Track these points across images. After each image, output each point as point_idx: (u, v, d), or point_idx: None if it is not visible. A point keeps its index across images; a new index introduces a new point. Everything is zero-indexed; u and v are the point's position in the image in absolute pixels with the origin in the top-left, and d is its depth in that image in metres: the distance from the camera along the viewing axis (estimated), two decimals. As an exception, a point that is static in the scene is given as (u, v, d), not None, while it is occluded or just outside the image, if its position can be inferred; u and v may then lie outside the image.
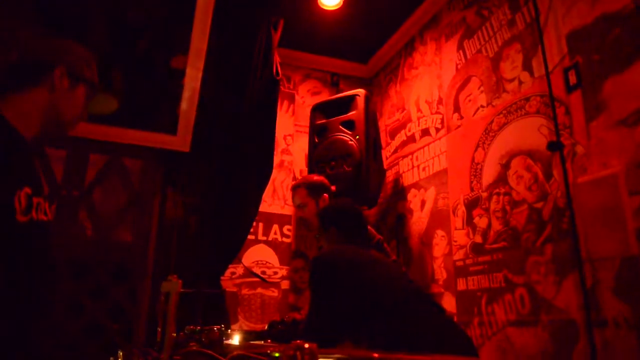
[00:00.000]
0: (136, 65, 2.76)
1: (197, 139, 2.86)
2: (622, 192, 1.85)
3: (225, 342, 1.79)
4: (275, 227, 3.47)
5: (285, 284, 3.38)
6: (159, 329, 1.61)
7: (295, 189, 2.49)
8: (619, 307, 1.80)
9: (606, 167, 1.92)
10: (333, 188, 2.47)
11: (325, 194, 2.41)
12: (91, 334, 2.49)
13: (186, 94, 2.78)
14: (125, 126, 2.71)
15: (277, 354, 1.07)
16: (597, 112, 1.99)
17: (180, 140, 2.82)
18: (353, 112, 3.07)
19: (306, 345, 0.83)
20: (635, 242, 1.77)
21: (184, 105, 2.82)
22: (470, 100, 2.81)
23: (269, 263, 3.38)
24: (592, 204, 1.96)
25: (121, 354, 1.50)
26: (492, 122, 2.60)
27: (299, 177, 3.68)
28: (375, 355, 0.97)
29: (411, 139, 3.40)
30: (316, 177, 2.53)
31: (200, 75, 2.75)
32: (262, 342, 1.73)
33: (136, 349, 1.53)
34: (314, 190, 2.41)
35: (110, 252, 2.74)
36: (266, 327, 1.95)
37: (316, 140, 3.17)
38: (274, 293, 3.32)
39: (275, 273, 3.37)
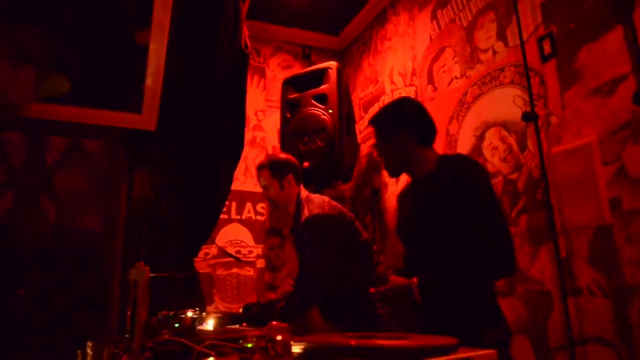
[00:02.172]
0: (95, 40, 2.61)
1: (163, 118, 2.75)
2: (596, 161, 1.84)
3: (199, 327, 1.74)
4: (249, 205, 3.41)
5: (260, 263, 3.34)
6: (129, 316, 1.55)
7: (259, 169, 2.41)
8: (593, 275, 1.81)
9: (580, 136, 1.91)
10: (306, 164, 2.39)
11: (290, 175, 2.31)
12: (60, 326, 2.40)
13: (150, 69, 2.64)
14: (87, 106, 2.57)
15: (249, 344, 1.03)
16: (571, 81, 1.97)
17: (146, 119, 2.69)
18: (325, 86, 2.99)
19: (278, 337, 0.79)
20: (608, 211, 1.78)
21: (148, 82, 2.68)
22: (444, 72, 2.76)
23: (244, 242, 3.33)
24: (567, 174, 1.95)
25: (90, 344, 1.43)
26: (466, 93, 2.56)
27: (271, 151, 3.61)
28: (352, 342, 0.93)
29: (385, 112, 3.34)
30: (282, 156, 2.44)
31: (164, 50, 2.62)
32: (238, 325, 1.69)
33: (106, 338, 1.47)
34: (277, 170, 2.32)
35: (76, 239, 2.63)
36: (241, 310, 1.91)
37: (288, 116, 3.10)
38: (249, 272, 3.28)
39: (250, 252, 3.32)
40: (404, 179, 3.04)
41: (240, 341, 1.05)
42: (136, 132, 2.71)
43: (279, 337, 0.78)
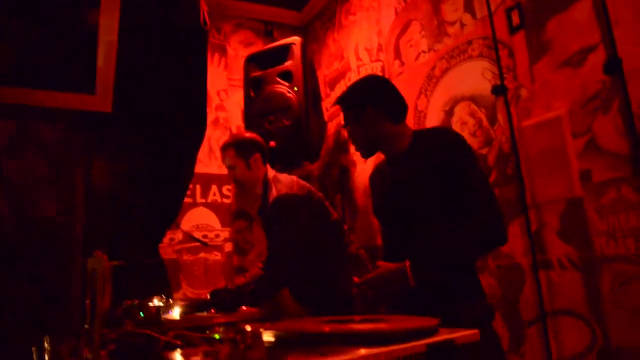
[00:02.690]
0: (41, 17, 2.42)
1: (119, 99, 2.60)
2: (566, 134, 1.83)
3: (165, 316, 1.66)
4: (214, 188, 3.30)
5: (228, 247, 3.25)
6: (88, 306, 1.45)
7: (224, 149, 2.30)
8: (563, 249, 1.81)
9: (550, 109, 1.89)
10: (272, 144, 2.31)
11: (256, 154, 2.22)
12: (18, 318, 2.26)
13: (102, 48, 2.48)
14: (36, 87, 2.39)
15: (217, 336, 0.96)
16: (541, 53, 1.94)
17: (100, 100, 2.53)
18: (289, 62, 2.89)
19: (248, 328, 0.72)
20: (579, 184, 1.77)
21: (100, 61, 2.53)
22: (411, 46, 2.70)
23: (210, 226, 3.23)
24: (537, 147, 1.93)
25: (48, 340, 1.33)
26: (434, 67, 2.51)
27: (235, 133, 3.49)
28: (326, 328, 0.87)
29: (352, 89, 3.27)
30: (247, 135, 2.34)
31: (116, 26, 2.46)
32: (205, 312, 1.61)
33: (67, 331, 1.37)
34: (243, 149, 2.22)
35: (32, 228, 2.47)
36: (209, 296, 1.83)
37: (252, 94, 2.99)
38: (217, 256, 3.19)
39: (217, 236, 3.22)
40: (373, 158, 2.99)
41: (207, 332, 0.98)
42: (92, 114, 2.56)
43: (248, 328, 0.71)
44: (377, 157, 2.93)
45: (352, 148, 3.19)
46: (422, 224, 1.44)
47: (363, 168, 3.09)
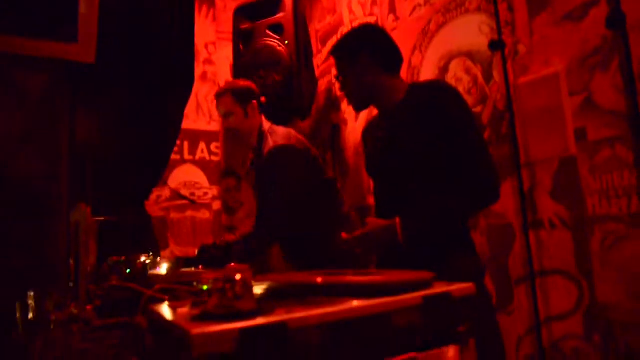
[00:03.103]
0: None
1: (103, 49, 2.49)
2: (563, 91, 1.79)
3: (152, 272, 1.63)
4: (202, 145, 3.23)
5: (217, 205, 3.22)
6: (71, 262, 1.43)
7: (219, 96, 2.20)
8: (554, 208, 1.80)
9: (548, 65, 1.84)
10: (262, 99, 2.23)
11: (253, 101, 2.15)
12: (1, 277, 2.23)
13: (84, -7, 2.36)
14: (13, 33, 2.28)
15: (205, 287, 0.93)
16: (541, 6, 1.87)
17: (83, 50, 2.42)
18: (281, 14, 2.78)
19: (237, 277, 0.69)
20: (573, 142, 1.74)
21: (82, 7, 2.41)
22: (406, -1, 2.60)
23: (198, 183, 3.18)
24: (533, 105, 1.89)
25: (31, 295, 1.30)
26: (429, 22, 2.43)
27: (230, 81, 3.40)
28: (318, 279, 0.85)
29: (344, 44, 3.17)
30: (243, 82, 2.24)
31: (98, -30, 2.33)
32: (193, 268, 1.58)
33: (52, 287, 1.34)
34: (240, 96, 2.13)
35: (13, 185, 2.41)
36: (197, 252, 1.80)
37: (241, 48, 2.88)
38: (205, 215, 3.15)
39: (205, 194, 3.18)
40: (364, 115, 2.93)
41: (195, 283, 0.95)
42: (75, 65, 2.45)
43: (238, 276, 0.68)
44: (369, 115, 2.88)
45: (344, 106, 3.14)
46: (414, 180, 1.41)
47: (354, 127, 3.04)
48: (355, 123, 3.01)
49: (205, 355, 0.60)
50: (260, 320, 0.64)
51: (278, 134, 2.08)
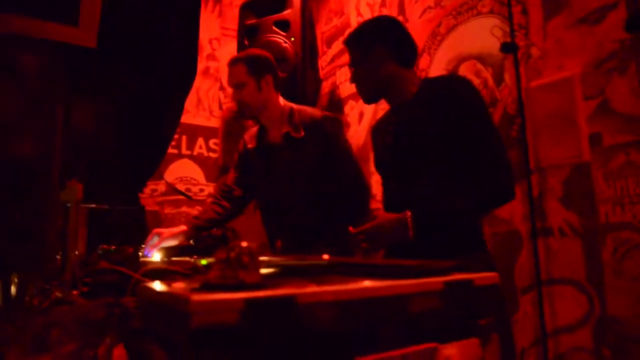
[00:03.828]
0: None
1: (105, 35, 2.43)
2: (577, 96, 1.74)
3: (144, 259, 1.56)
4: (201, 140, 3.16)
5: (212, 202, 3.13)
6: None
7: (232, 64, 1.98)
8: (565, 215, 1.74)
9: (562, 69, 1.80)
10: (281, 75, 2.08)
11: (269, 75, 1.95)
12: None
13: (88, -25, 2.30)
14: (11, 11, 2.21)
15: (204, 261, 0.86)
16: (557, 10, 1.83)
17: (85, 34, 2.34)
18: (288, 11, 2.74)
19: (244, 244, 0.61)
20: (587, 148, 1.69)
21: (85, -11, 2.35)
22: (416, 1, 2.56)
23: (194, 179, 3.10)
24: (545, 109, 1.84)
25: (15, 279, 1.23)
26: (440, 24, 2.39)
27: (226, 86, 3.34)
28: (325, 256, 0.78)
29: (350, 46, 3.13)
30: (259, 52, 2.05)
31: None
32: (188, 258, 1.50)
33: (38, 273, 1.27)
34: (255, 67, 1.93)
35: (5, 167, 2.32)
36: (192, 242, 1.72)
37: (246, 43, 2.83)
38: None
39: (201, 190, 3.10)
40: (367, 119, 2.88)
41: (194, 258, 0.88)
42: (75, 49, 2.38)
43: (244, 244, 0.61)
44: (373, 118, 2.83)
45: (347, 108, 3.08)
46: (425, 176, 1.35)
47: (356, 130, 2.98)
48: (358, 126, 2.96)
49: (205, 327, 0.53)
50: (268, 292, 0.57)
51: (310, 110, 1.99)
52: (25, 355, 0.77)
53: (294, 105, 2.02)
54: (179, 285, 0.73)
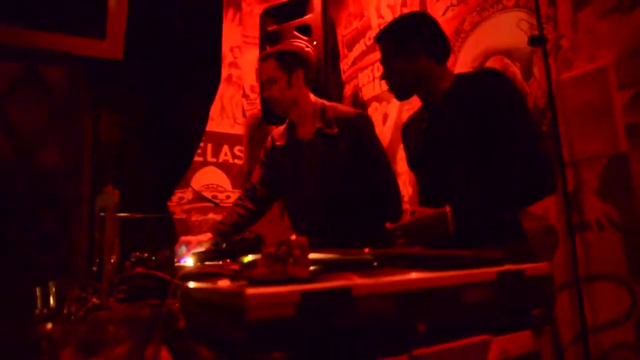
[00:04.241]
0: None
1: (131, 47, 2.47)
2: (612, 86, 1.70)
3: (178, 264, 1.56)
4: (225, 147, 3.18)
5: (238, 209, 3.14)
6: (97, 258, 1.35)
7: (263, 60, 1.99)
8: (602, 208, 1.70)
9: (594, 60, 1.76)
10: (312, 73, 2.10)
11: (300, 70, 1.93)
12: (20, 270, 2.17)
13: (113, -11, 2.35)
14: (42, 29, 2.26)
15: (246, 259, 0.85)
16: (587, 0, 1.79)
17: (111, 46, 2.41)
18: (309, 16, 2.74)
19: (293, 237, 0.61)
20: (624, 138, 1.65)
21: (111, 3, 2.40)
22: (438, 0, 2.55)
23: (221, 187, 3.12)
24: (577, 101, 1.80)
25: (53, 288, 1.24)
26: (463, 21, 2.36)
27: (249, 93, 3.36)
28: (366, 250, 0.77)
29: (372, 48, 3.12)
30: (290, 47, 2.06)
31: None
32: (221, 262, 1.50)
33: (70, 280, 1.27)
34: (286, 62, 1.92)
35: (36, 177, 2.37)
36: (225, 246, 1.72)
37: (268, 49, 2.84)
38: (223, 220, 3.08)
39: (228, 197, 3.11)
40: (392, 120, 2.86)
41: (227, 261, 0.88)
42: (102, 61, 2.43)
43: (293, 237, 0.60)
44: (398, 119, 2.81)
45: (370, 110, 3.07)
46: (462, 171, 1.33)
47: (381, 131, 2.96)
48: (383, 127, 2.94)
49: (261, 321, 0.52)
50: (323, 284, 0.56)
51: (343, 107, 2.01)
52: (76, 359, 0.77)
53: (326, 102, 2.02)
54: (225, 283, 0.73)
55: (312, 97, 2.01)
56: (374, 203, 1.87)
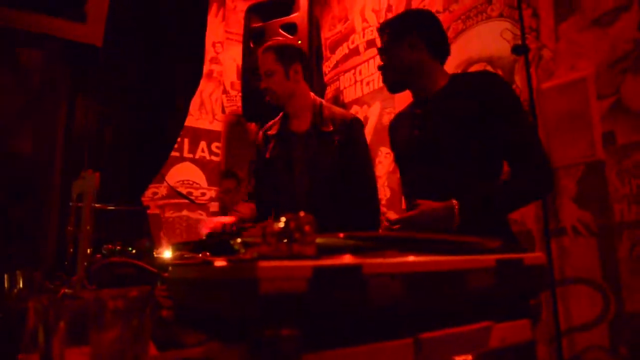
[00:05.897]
0: None
1: (111, 34, 2.40)
2: (591, 95, 1.75)
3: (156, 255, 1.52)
4: (203, 144, 3.13)
5: (214, 206, 3.10)
6: (70, 249, 1.30)
7: (263, 52, 2.00)
8: (579, 214, 1.74)
9: (575, 70, 1.81)
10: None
11: (297, 64, 1.96)
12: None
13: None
14: (17, 7, 2.17)
15: (238, 241, 0.83)
16: (568, 12, 1.85)
17: (91, 31, 2.33)
18: (295, 14, 2.74)
19: (302, 214, 0.59)
20: (601, 146, 1.70)
21: (92, -13, 2.33)
22: (424, 6, 2.58)
23: (196, 183, 3.07)
24: (557, 109, 1.85)
25: (21, 277, 1.19)
26: (448, 29, 2.40)
27: (229, 90, 3.33)
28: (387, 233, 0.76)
29: (354, 51, 3.14)
30: (289, 41, 2.07)
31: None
32: (200, 255, 1.46)
33: (40, 271, 1.22)
34: (284, 55, 1.95)
35: (5, 164, 2.27)
36: (204, 237, 1.68)
37: (252, 46, 2.82)
38: (201, 216, 3.03)
39: (203, 194, 3.07)
40: (372, 123, 2.88)
41: (231, 241, 0.85)
42: (81, 46, 2.35)
43: (301, 213, 0.58)
44: (378, 122, 2.83)
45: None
46: (461, 167, 1.33)
47: (360, 134, 2.98)
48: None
49: (273, 294, 0.51)
50: (335, 261, 0.55)
51: (340, 109, 2.02)
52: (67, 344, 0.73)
53: (324, 101, 2.03)
54: (222, 262, 0.71)
55: (312, 94, 2.02)
56: (354, 203, 1.88)
